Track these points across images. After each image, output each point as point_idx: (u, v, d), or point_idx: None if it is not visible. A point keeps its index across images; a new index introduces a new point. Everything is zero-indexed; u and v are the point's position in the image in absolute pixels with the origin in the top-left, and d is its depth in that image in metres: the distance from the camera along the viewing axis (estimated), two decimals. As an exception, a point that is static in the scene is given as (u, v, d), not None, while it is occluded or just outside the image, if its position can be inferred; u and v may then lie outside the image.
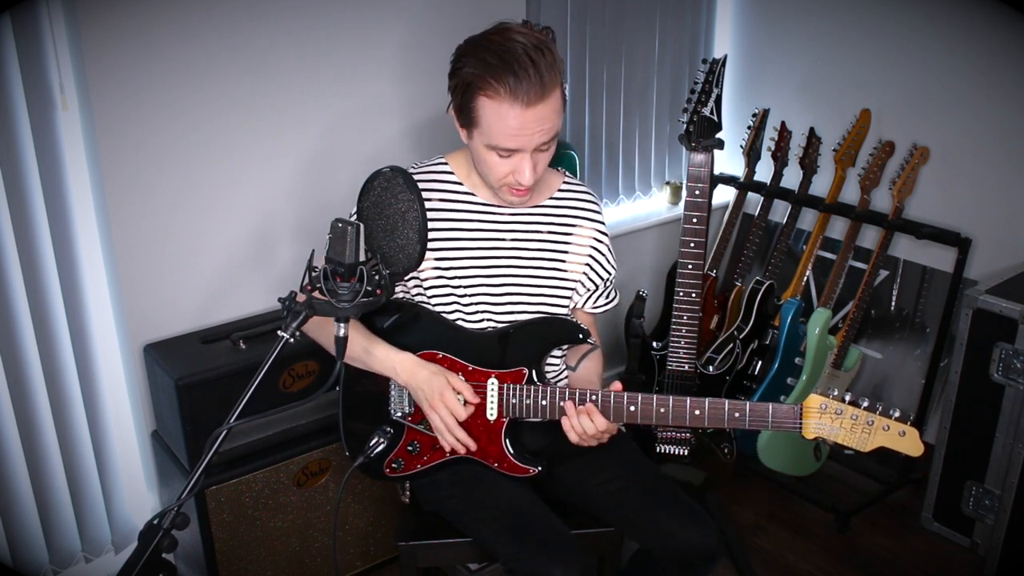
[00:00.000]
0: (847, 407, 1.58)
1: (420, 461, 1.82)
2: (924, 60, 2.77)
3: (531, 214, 1.84)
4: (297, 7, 2.22)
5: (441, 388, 1.71)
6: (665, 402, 1.68)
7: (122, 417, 2.29)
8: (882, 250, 2.76)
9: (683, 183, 3.19)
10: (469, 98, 1.63)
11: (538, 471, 1.78)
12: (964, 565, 2.51)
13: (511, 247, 1.83)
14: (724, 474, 2.44)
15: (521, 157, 1.66)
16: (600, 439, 1.72)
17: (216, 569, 2.14)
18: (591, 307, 1.93)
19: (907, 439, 1.57)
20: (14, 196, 1.96)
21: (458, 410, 1.71)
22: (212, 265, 2.28)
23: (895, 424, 1.56)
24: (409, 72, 2.46)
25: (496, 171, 1.69)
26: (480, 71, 1.59)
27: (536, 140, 1.63)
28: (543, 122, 1.62)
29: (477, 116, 1.63)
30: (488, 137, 1.64)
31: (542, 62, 1.58)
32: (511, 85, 1.57)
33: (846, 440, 1.59)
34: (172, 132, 2.12)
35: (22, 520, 2.13)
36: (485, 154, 1.68)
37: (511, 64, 1.57)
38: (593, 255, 1.89)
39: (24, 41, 1.90)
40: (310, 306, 1.48)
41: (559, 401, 1.72)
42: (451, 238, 1.80)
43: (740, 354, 2.62)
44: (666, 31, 3.04)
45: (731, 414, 1.65)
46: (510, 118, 1.60)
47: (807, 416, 1.60)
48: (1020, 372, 2.33)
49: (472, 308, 1.81)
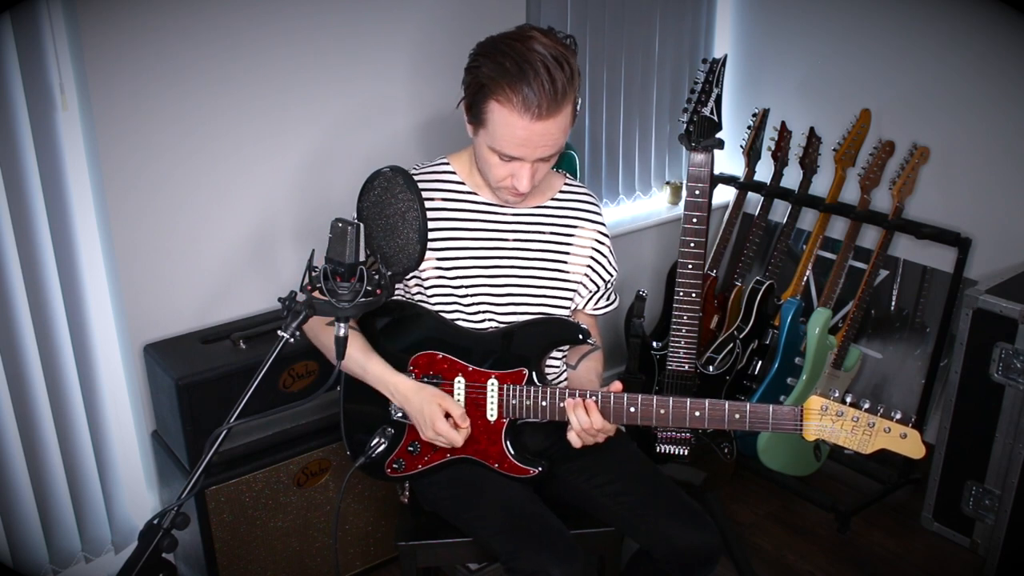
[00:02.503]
0: (848, 409, 1.57)
1: (421, 462, 1.82)
2: (924, 60, 2.77)
3: (533, 214, 1.85)
4: (297, 7, 2.22)
5: (432, 418, 1.71)
6: (665, 403, 1.68)
7: (122, 417, 2.29)
8: (882, 250, 2.76)
9: (683, 183, 3.19)
10: (481, 99, 1.63)
11: (538, 472, 1.78)
12: (964, 565, 2.51)
13: (513, 247, 1.83)
14: (724, 474, 2.44)
15: (521, 165, 1.67)
16: (597, 438, 1.72)
17: (216, 569, 2.14)
18: (592, 309, 1.94)
19: (908, 441, 1.56)
20: (14, 196, 1.96)
21: (452, 438, 1.71)
22: (212, 265, 2.28)
23: (896, 426, 1.56)
24: (410, 73, 2.46)
25: (495, 172, 1.71)
26: (496, 75, 1.58)
27: (538, 153, 1.65)
28: (548, 137, 1.63)
29: (485, 118, 1.64)
30: (492, 140, 1.65)
31: (560, 77, 1.57)
32: (523, 96, 1.57)
33: (847, 442, 1.58)
34: (172, 132, 2.12)
35: (22, 520, 2.13)
36: (487, 154, 1.69)
37: (527, 74, 1.56)
38: (595, 256, 1.90)
39: (24, 41, 1.90)
40: (310, 306, 1.48)
41: (559, 402, 1.72)
42: (453, 237, 1.80)
43: (740, 354, 2.62)
44: (666, 31, 3.04)
45: (731, 415, 1.65)
46: (517, 128, 1.60)
47: (808, 418, 1.59)
48: (1020, 372, 2.33)
49: (473, 308, 1.81)
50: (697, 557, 1.72)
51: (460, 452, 1.79)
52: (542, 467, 1.78)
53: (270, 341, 1.66)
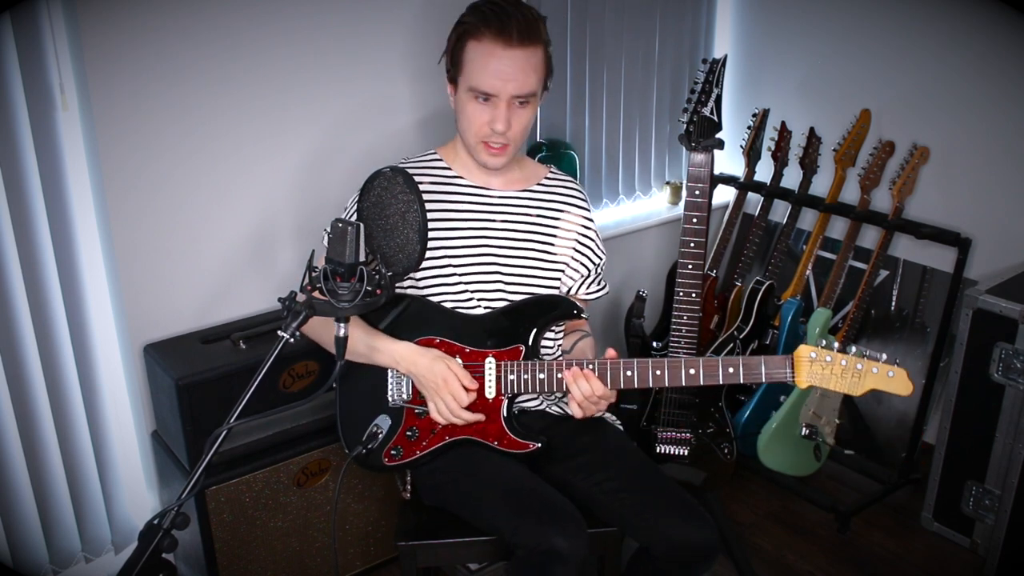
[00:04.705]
0: (836, 354, 1.64)
1: (419, 447, 1.82)
2: (924, 60, 2.77)
3: (520, 197, 1.91)
4: (297, 7, 2.22)
5: (443, 374, 1.74)
6: (661, 364, 1.71)
7: (122, 417, 2.29)
8: (882, 250, 2.76)
9: (683, 183, 3.19)
10: (459, 47, 1.76)
11: (538, 447, 1.79)
12: (964, 565, 2.51)
13: (501, 227, 1.88)
14: (724, 474, 2.44)
15: (497, 104, 1.74)
16: (599, 405, 1.75)
17: (216, 569, 2.14)
18: (584, 293, 1.98)
19: (896, 379, 1.63)
20: (14, 196, 1.96)
21: (460, 395, 1.74)
22: (212, 265, 2.28)
23: (883, 366, 1.63)
24: (410, 73, 2.46)
25: (474, 121, 1.77)
26: (473, 19, 1.74)
27: (511, 88, 1.73)
28: (521, 71, 1.72)
29: (463, 61, 1.75)
30: (469, 79, 1.74)
31: (529, 14, 1.74)
32: (498, 26, 1.70)
33: (838, 386, 1.64)
34: (172, 132, 2.13)
35: (22, 520, 2.13)
36: (465, 103, 1.77)
37: (500, 12, 1.72)
38: (582, 240, 1.95)
39: (24, 41, 1.90)
40: (310, 306, 1.48)
41: (556, 373, 1.73)
42: (441, 219, 1.85)
43: (740, 354, 2.62)
44: (666, 31, 3.04)
45: (725, 370, 1.69)
46: (492, 58, 1.71)
47: (799, 365, 1.65)
48: (1020, 372, 2.33)
49: (460, 288, 1.84)
50: (695, 553, 1.72)
51: (459, 432, 1.79)
52: (541, 442, 1.80)
53: (270, 341, 1.66)
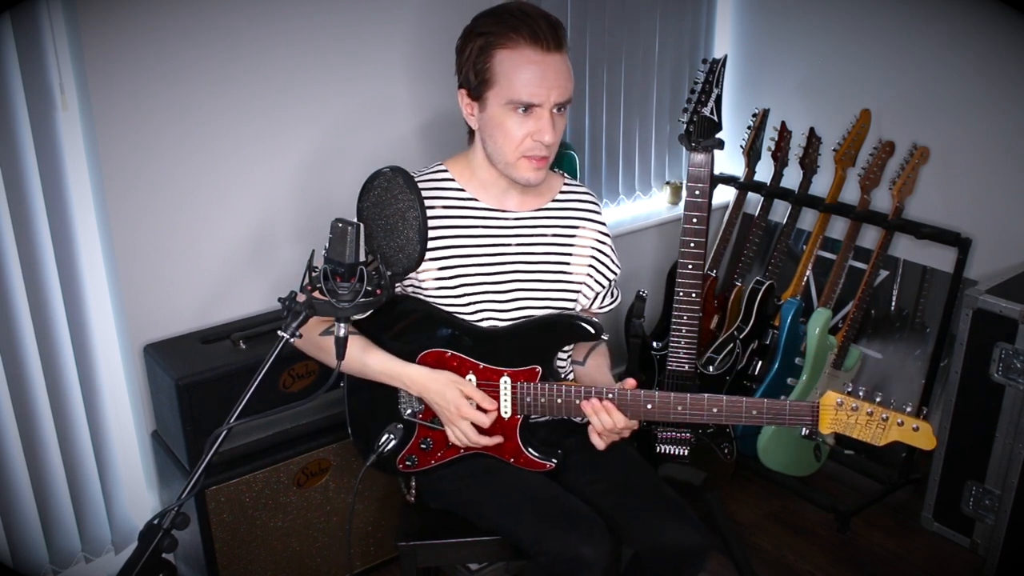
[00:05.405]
0: (863, 403, 1.61)
1: (434, 457, 1.80)
2: (924, 60, 2.77)
3: (535, 217, 1.83)
4: (297, 7, 2.22)
5: (456, 403, 1.70)
6: (683, 400, 1.67)
7: (122, 417, 2.29)
8: (882, 250, 2.76)
9: (683, 183, 3.19)
10: (484, 59, 1.64)
11: (554, 464, 1.77)
12: (964, 565, 2.51)
13: (516, 251, 1.81)
14: (724, 474, 2.44)
15: (541, 114, 1.65)
16: (623, 434, 1.72)
17: (216, 569, 2.14)
18: (597, 307, 1.94)
19: (920, 433, 1.60)
20: (14, 196, 1.96)
21: (479, 419, 1.70)
22: (212, 265, 2.28)
23: (909, 419, 1.60)
24: (410, 73, 2.46)
25: (514, 136, 1.67)
26: (498, 27, 1.63)
27: (555, 95, 1.64)
28: (560, 76, 1.64)
29: (494, 74, 1.64)
30: (507, 92, 1.63)
31: (551, 19, 1.65)
32: (530, 31, 1.61)
33: (861, 435, 1.61)
34: (172, 132, 2.12)
35: (22, 520, 2.13)
36: (502, 118, 1.66)
37: (527, 18, 1.62)
38: (597, 256, 1.89)
39: (24, 41, 1.90)
40: (310, 306, 1.48)
41: (575, 399, 1.71)
42: (455, 246, 1.78)
43: (740, 354, 2.62)
44: (666, 31, 3.04)
45: (749, 411, 1.66)
46: (532, 65, 1.62)
47: (824, 412, 1.63)
48: (1020, 372, 2.33)
49: (477, 316, 1.79)
50: (683, 554, 1.68)
51: (475, 448, 1.77)
52: (557, 457, 1.78)
53: (270, 341, 1.66)
